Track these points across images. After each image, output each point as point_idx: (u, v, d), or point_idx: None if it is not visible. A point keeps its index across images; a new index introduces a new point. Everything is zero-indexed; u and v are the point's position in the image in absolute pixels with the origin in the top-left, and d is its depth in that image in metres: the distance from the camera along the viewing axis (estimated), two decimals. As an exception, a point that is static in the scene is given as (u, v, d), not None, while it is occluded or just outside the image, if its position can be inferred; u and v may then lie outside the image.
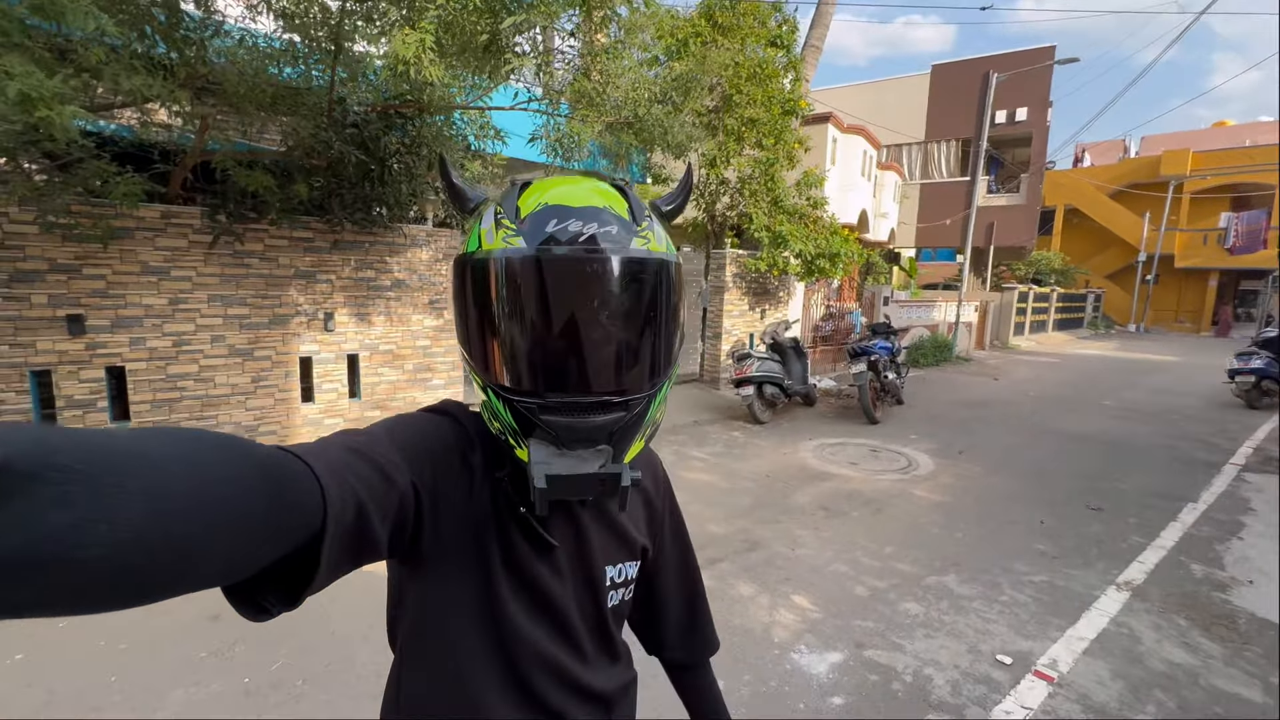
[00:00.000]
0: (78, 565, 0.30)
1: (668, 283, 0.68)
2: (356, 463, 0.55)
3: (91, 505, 0.30)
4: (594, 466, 0.63)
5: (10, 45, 2.56)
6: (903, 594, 3.26)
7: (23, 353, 3.95)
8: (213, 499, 0.37)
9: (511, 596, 0.71)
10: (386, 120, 4.59)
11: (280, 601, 0.48)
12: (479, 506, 0.69)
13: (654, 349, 0.69)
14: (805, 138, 8.59)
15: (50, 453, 0.30)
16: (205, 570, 0.38)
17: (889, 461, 5.77)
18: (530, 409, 0.65)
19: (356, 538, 0.52)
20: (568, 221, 0.63)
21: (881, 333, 7.91)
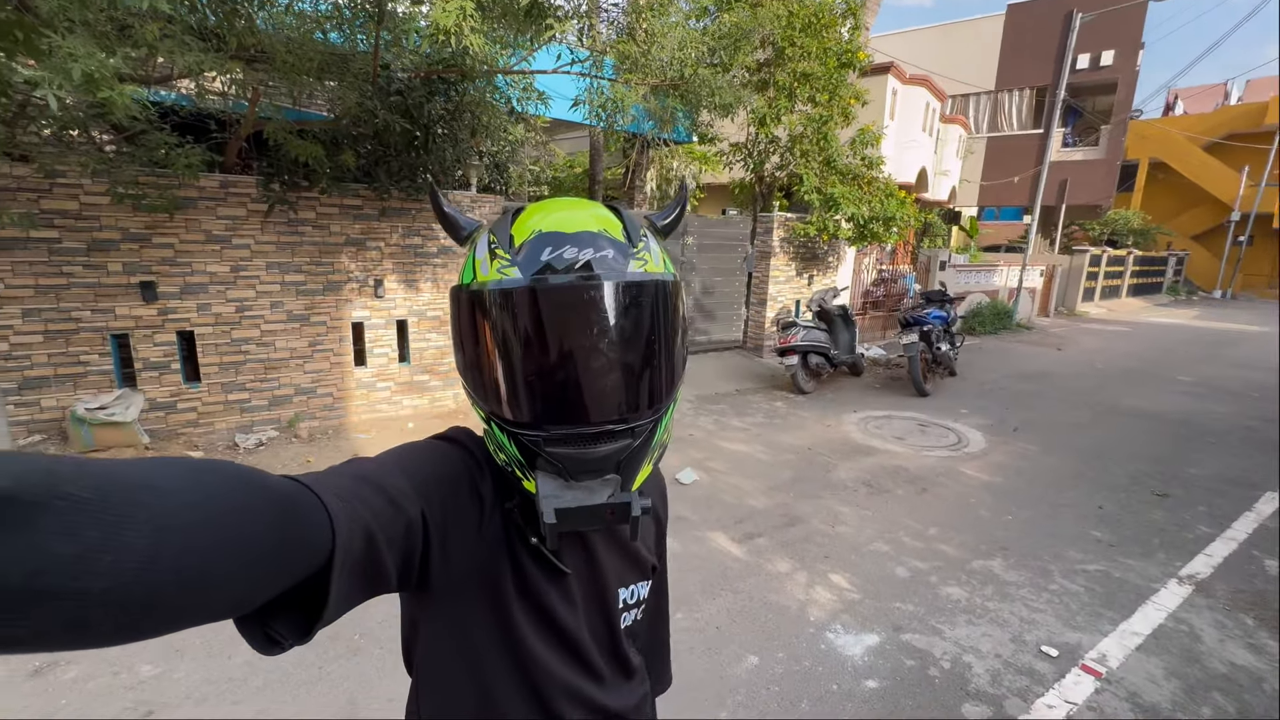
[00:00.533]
0: (81, 597, 0.30)
1: (667, 303, 0.67)
2: (365, 491, 0.55)
3: (97, 536, 0.30)
4: (603, 497, 0.63)
5: (74, 25, 2.63)
6: (945, 577, 3.21)
7: (103, 318, 4.23)
8: (220, 529, 0.36)
9: (527, 624, 0.71)
10: (430, 86, 4.56)
11: (292, 634, 0.48)
12: (490, 535, 0.68)
13: (657, 372, 0.68)
14: (862, 92, 8.09)
15: (58, 483, 0.30)
16: (213, 602, 0.37)
17: (937, 437, 5.60)
18: (535, 441, 0.64)
19: (366, 567, 0.52)
20: (562, 249, 0.62)
21: (936, 300, 7.57)
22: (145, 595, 0.32)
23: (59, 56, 2.35)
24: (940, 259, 11.38)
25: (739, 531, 3.66)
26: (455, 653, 0.72)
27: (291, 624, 0.48)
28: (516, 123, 5.16)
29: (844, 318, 7.37)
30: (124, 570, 0.31)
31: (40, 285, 4.00)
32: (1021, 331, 12.51)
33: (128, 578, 0.31)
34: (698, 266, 7.96)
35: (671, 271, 0.70)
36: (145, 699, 2.21)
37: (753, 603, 2.95)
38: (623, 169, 9.55)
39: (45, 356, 4.09)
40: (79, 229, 4.06)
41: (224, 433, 4.73)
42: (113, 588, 0.31)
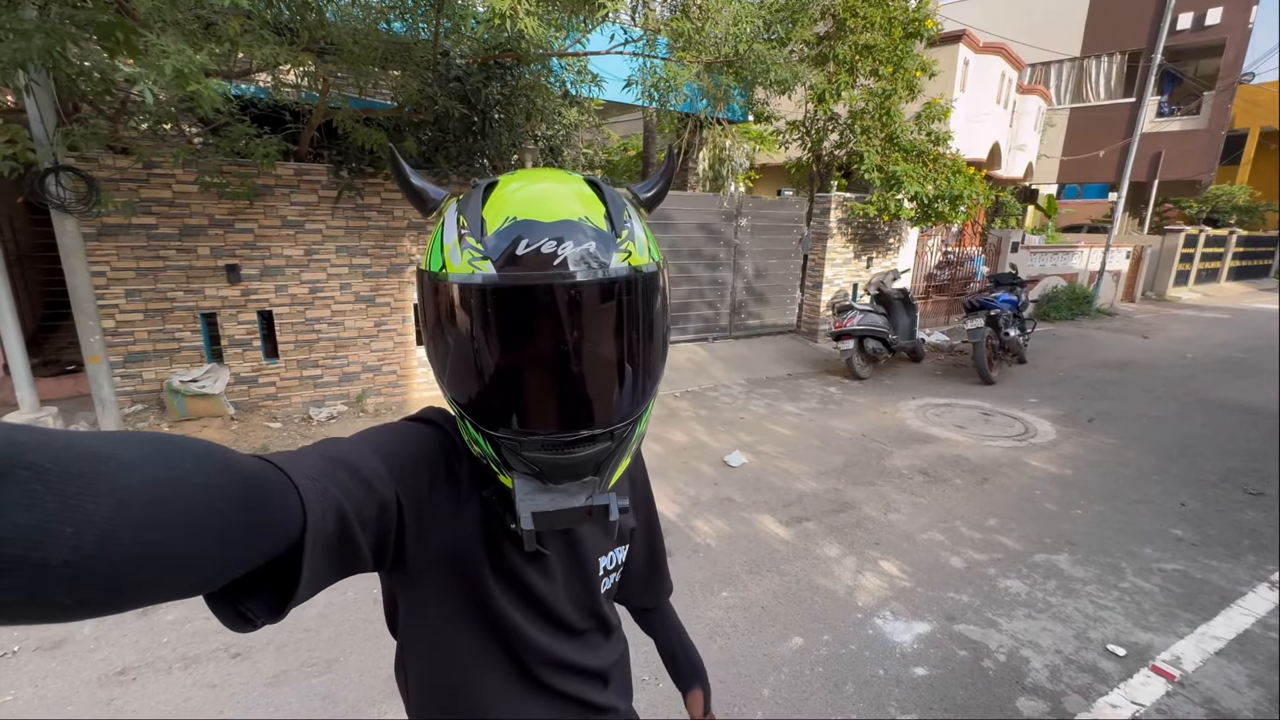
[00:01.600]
0: (40, 568, 0.29)
1: (649, 297, 0.63)
2: (337, 472, 0.53)
3: (58, 507, 0.30)
4: (581, 499, 0.61)
5: (167, 24, 2.85)
6: (1004, 570, 3.09)
7: (194, 298, 4.59)
8: (185, 505, 0.36)
9: (506, 600, 0.70)
10: (487, 71, 4.65)
11: (264, 612, 0.47)
12: (467, 517, 0.67)
13: (639, 372, 0.64)
14: (930, 63, 7.67)
15: (20, 451, 0.29)
16: (176, 578, 0.37)
17: (1002, 427, 5.35)
18: (510, 445, 0.61)
19: (339, 547, 0.51)
20: (539, 241, 0.56)
21: (1005, 284, 7.18)
22: (106, 568, 0.31)
23: (153, 54, 2.55)
24: (1012, 240, 10.74)
25: (787, 515, 3.64)
26: (435, 628, 0.72)
27: (263, 602, 0.47)
28: (571, 106, 5.19)
29: (904, 301, 7.09)
30: (84, 542, 0.30)
31: (140, 268, 4.38)
32: (1102, 318, 11.68)
33: (88, 550, 0.30)
34: (751, 249, 7.83)
35: (656, 257, 0.64)
36: (231, 642, 2.44)
37: (799, 585, 2.94)
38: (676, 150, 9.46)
39: (145, 333, 4.48)
40: (172, 216, 4.41)
41: (299, 406, 5.07)
42: (73, 560, 0.30)
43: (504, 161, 5.50)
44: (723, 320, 7.87)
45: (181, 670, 2.29)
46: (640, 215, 0.68)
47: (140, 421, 4.41)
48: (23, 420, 3.87)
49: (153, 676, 2.25)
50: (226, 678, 2.27)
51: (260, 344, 4.89)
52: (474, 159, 5.16)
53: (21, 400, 3.93)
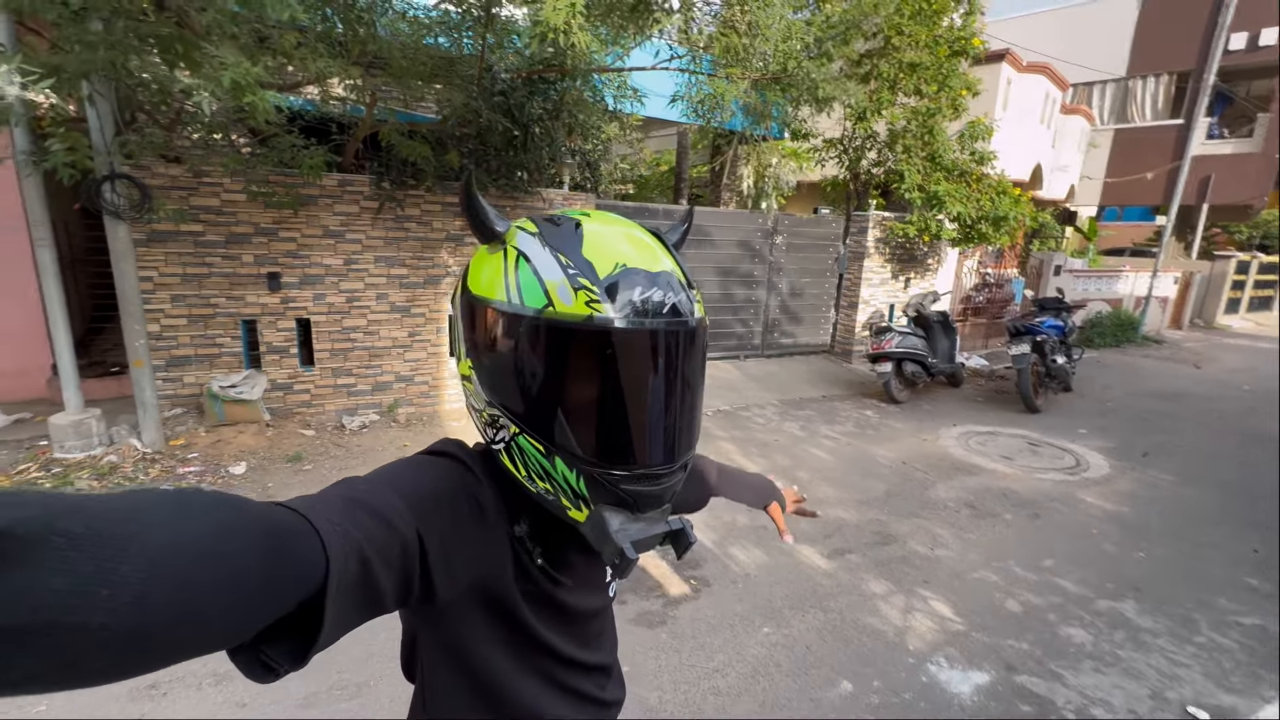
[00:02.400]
0: (79, 632, 0.30)
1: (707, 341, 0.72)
2: (357, 513, 0.53)
3: (93, 571, 0.30)
4: (662, 526, 0.66)
5: (225, 37, 2.89)
6: (1066, 616, 2.90)
7: (236, 304, 4.65)
8: (213, 561, 0.37)
9: (540, 621, 0.74)
10: (531, 86, 4.67)
11: (286, 660, 0.47)
12: (495, 545, 0.68)
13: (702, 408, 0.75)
14: (975, 81, 7.52)
15: (54, 518, 0.30)
16: (207, 634, 0.37)
17: (1051, 459, 5.11)
18: (612, 480, 0.64)
19: (362, 590, 0.51)
20: (651, 291, 0.63)
21: (1051, 308, 6.92)
22: (140, 629, 0.32)
23: (211, 66, 2.58)
24: (1055, 263, 10.42)
25: (828, 546, 3.49)
26: (464, 660, 0.73)
27: (285, 650, 0.46)
28: (610, 121, 5.18)
29: (944, 324, 6.89)
30: (120, 605, 0.31)
31: (186, 274, 4.46)
32: (1149, 345, 11.23)
33: (124, 612, 0.31)
34: (785, 266, 7.71)
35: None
36: (263, 659, 2.39)
37: (844, 623, 2.79)
38: (709, 167, 9.42)
39: (188, 338, 4.55)
40: (219, 224, 4.48)
41: (332, 414, 5.09)
42: (109, 622, 0.31)
43: (542, 175, 5.50)
44: (755, 338, 7.75)
45: (212, 687, 2.24)
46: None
47: (179, 425, 4.46)
48: (68, 421, 3.94)
49: (183, 692, 2.21)
50: (255, 697, 2.21)
51: (297, 351, 4.93)
52: (513, 172, 5.18)
53: (68, 401, 4.00)
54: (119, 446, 4.07)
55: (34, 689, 0.30)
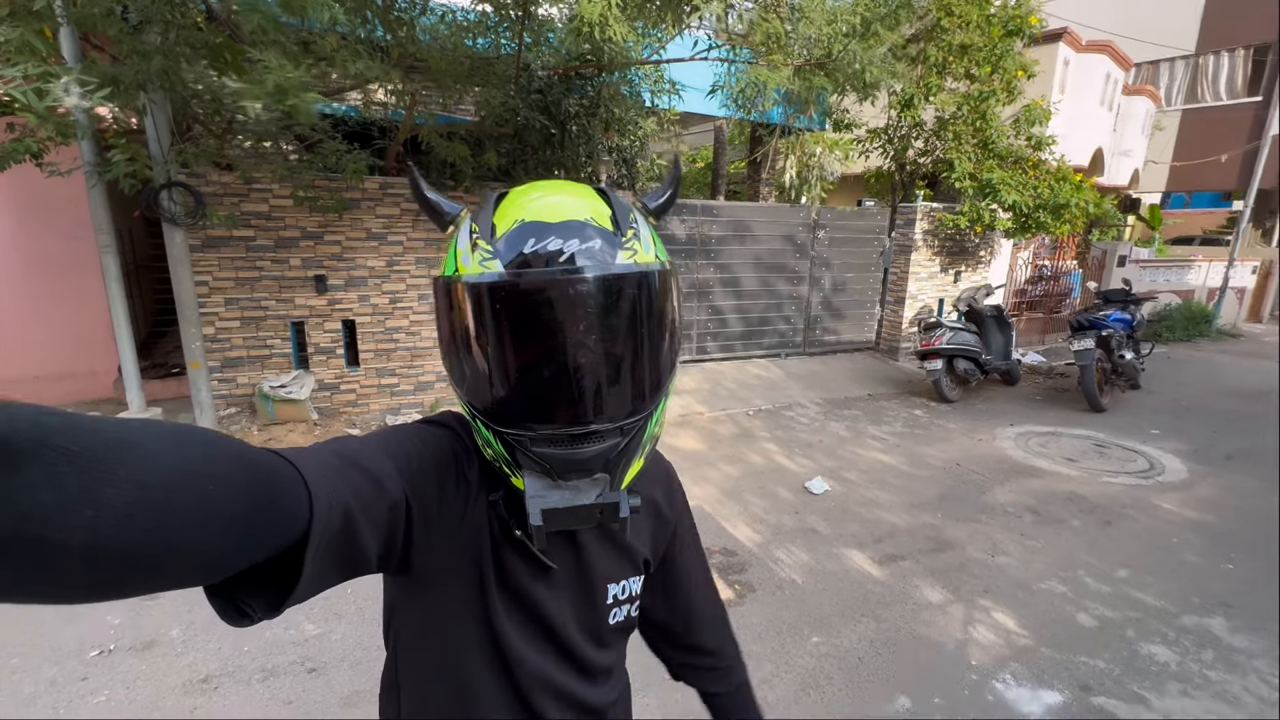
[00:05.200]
0: (60, 548, 0.30)
1: (656, 294, 0.64)
2: (348, 470, 0.54)
3: (81, 489, 0.31)
4: (591, 497, 0.62)
5: (269, 42, 2.94)
6: (1146, 632, 2.67)
7: (285, 307, 4.78)
8: (198, 494, 0.37)
9: (507, 616, 0.69)
10: (567, 83, 4.64)
11: (262, 607, 0.47)
12: (475, 522, 0.67)
13: (647, 368, 0.65)
14: (1031, 63, 7.13)
15: (48, 434, 0.30)
16: (185, 566, 0.37)
17: (1121, 461, 4.78)
18: (520, 441, 0.62)
19: (344, 546, 0.51)
20: (546, 240, 0.59)
21: (1117, 301, 6.49)
22: (121, 551, 0.32)
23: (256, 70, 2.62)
24: (1119, 253, 9.82)
25: (879, 552, 3.33)
26: (433, 640, 0.71)
27: (262, 598, 0.47)
28: (647, 116, 5.11)
29: (998, 319, 6.55)
30: (103, 524, 0.31)
31: (239, 278, 4.60)
32: (1224, 339, 10.48)
33: (106, 531, 0.31)
34: (828, 261, 7.49)
35: (662, 259, 0.66)
36: (309, 655, 2.42)
37: (899, 634, 2.64)
38: (747, 161, 9.25)
39: (241, 340, 4.70)
40: (268, 228, 4.61)
41: (377, 414, 5.18)
42: (91, 542, 0.31)
43: (579, 173, 5.47)
44: (797, 336, 7.55)
45: (260, 682, 2.27)
46: (648, 220, 0.70)
47: (233, 425, 4.61)
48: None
49: (233, 687, 2.24)
50: (302, 694, 2.23)
51: (343, 352, 5.04)
52: (551, 170, 5.16)
53: (130, 401, 4.18)
54: (178, 445, 4.23)
55: (12, 598, 0.31)
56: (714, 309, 6.96)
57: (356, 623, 2.61)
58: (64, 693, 2.19)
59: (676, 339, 0.69)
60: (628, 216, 0.64)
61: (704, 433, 5.25)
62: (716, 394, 6.23)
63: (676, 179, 0.77)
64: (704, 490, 4.09)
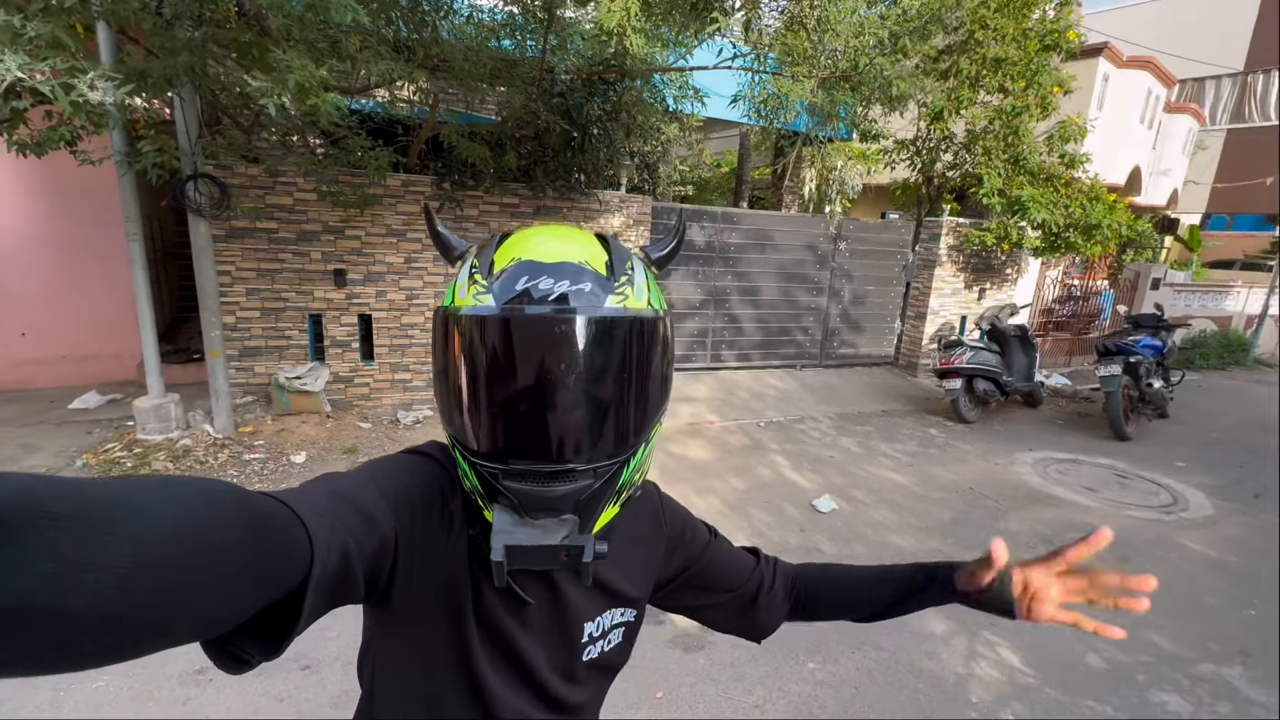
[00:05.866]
0: (63, 616, 0.30)
1: (645, 341, 0.65)
2: (341, 508, 0.55)
3: (79, 554, 0.30)
4: (557, 538, 0.61)
5: (297, 42, 2.98)
6: (1158, 678, 2.57)
7: (304, 299, 4.85)
8: (200, 546, 0.36)
9: (484, 651, 0.69)
10: (590, 87, 4.63)
11: (260, 652, 0.47)
12: (455, 556, 0.67)
13: (626, 413, 0.65)
14: (1068, 78, 6.95)
15: (38, 501, 0.30)
16: (191, 621, 0.37)
17: (1143, 494, 4.62)
18: (492, 474, 0.62)
19: (339, 583, 0.52)
20: (539, 279, 0.61)
21: (1148, 326, 6.30)
22: (126, 614, 0.32)
23: (280, 69, 2.66)
24: (1153, 275, 9.54)
25: (884, 576, 3.25)
26: (410, 672, 0.71)
27: (260, 643, 0.47)
28: (670, 122, 5.08)
29: (1022, 339, 6.40)
30: (105, 588, 0.31)
31: (260, 269, 4.68)
32: (1261, 369, 10.11)
33: (110, 595, 0.31)
34: (850, 273, 7.38)
35: (656, 307, 0.67)
36: (303, 652, 2.43)
37: (898, 665, 2.58)
38: (771, 170, 9.16)
39: (260, 330, 4.78)
40: (291, 221, 4.68)
41: (389, 408, 5.23)
42: (95, 606, 0.31)
43: (599, 176, 5.47)
44: (814, 348, 7.46)
45: (253, 677, 2.29)
46: (648, 271, 0.71)
47: (248, 413, 4.68)
48: (150, 404, 4.20)
49: (227, 681, 2.26)
50: (294, 691, 2.25)
51: (359, 346, 5.10)
52: (570, 174, 5.16)
53: (150, 385, 4.27)
54: (193, 431, 4.31)
55: (23, 671, 0.31)
56: (731, 317, 6.91)
57: (351, 623, 2.60)
58: (62, 678, 2.23)
59: (662, 388, 0.69)
60: (624, 263, 0.65)
61: (713, 442, 5.20)
62: (729, 403, 6.18)
63: (681, 232, 0.79)
64: (707, 502, 4.05)
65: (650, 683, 2.39)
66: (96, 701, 2.14)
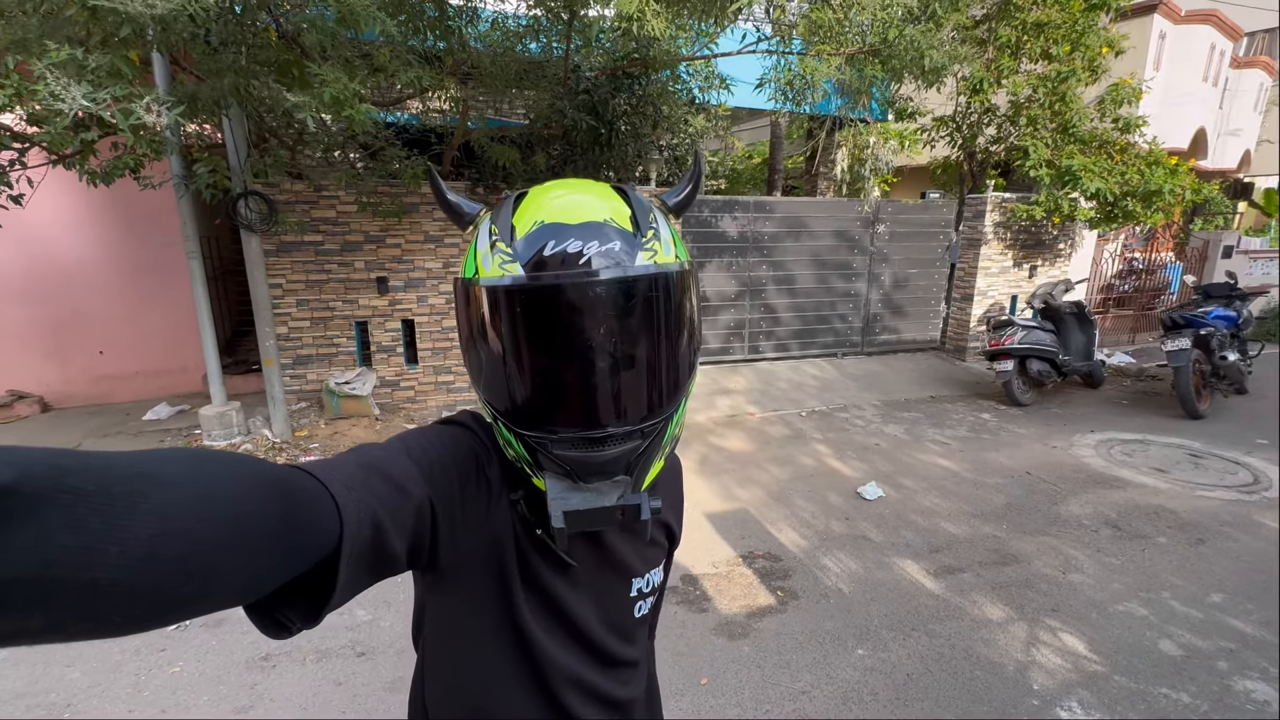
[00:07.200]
0: (90, 588, 0.30)
1: (676, 294, 0.64)
2: (372, 479, 0.54)
3: (102, 527, 0.30)
4: (613, 499, 0.62)
5: (331, 56, 3.11)
6: (1241, 666, 2.40)
7: (350, 307, 5.04)
8: (225, 519, 0.37)
9: (532, 613, 0.70)
10: (615, 82, 4.65)
11: (301, 619, 0.48)
12: (497, 520, 0.67)
13: (667, 370, 0.65)
14: (1118, 39, 6.56)
15: (61, 475, 0.30)
16: (219, 590, 0.37)
17: (1219, 473, 4.32)
18: (541, 443, 0.62)
19: (374, 554, 0.52)
20: (565, 242, 0.59)
21: (1220, 296, 5.89)
22: (152, 585, 0.32)
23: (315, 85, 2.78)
24: (1224, 243, 8.90)
25: (934, 563, 3.15)
26: (460, 637, 0.72)
27: (299, 610, 0.48)
28: (697, 113, 5.06)
29: (1078, 316, 6.08)
30: (130, 560, 0.31)
31: (309, 280, 4.89)
32: (1355, 339, 9.28)
33: (135, 567, 0.31)
34: (890, 257, 7.17)
35: (682, 257, 0.66)
36: (359, 640, 2.53)
37: (953, 651, 2.49)
38: (804, 156, 8.99)
39: (311, 339, 4.99)
40: (335, 233, 4.88)
41: (434, 410, 5.38)
42: (120, 578, 0.31)
43: (629, 173, 5.48)
44: (854, 335, 7.28)
45: (314, 663, 2.40)
46: (669, 219, 0.69)
47: (303, 419, 4.90)
48: (214, 412, 4.45)
49: (290, 666, 2.38)
50: (351, 676, 2.34)
51: (403, 350, 5.27)
52: (599, 171, 5.19)
53: (214, 395, 4.53)
54: (254, 436, 4.55)
55: (55, 639, 0.31)
56: (767, 307, 6.82)
57: (404, 611, 2.72)
58: (145, 661, 2.40)
59: (696, 338, 0.69)
60: (647, 216, 0.64)
61: (753, 434, 5.15)
62: (769, 394, 6.10)
63: (697, 174, 0.76)
64: (750, 492, 4.00)
65: (695, 669, 2.38)
66: (174, 685, 2.28)
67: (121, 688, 2.27)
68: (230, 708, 2.18)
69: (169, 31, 2.53)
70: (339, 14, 2.60)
